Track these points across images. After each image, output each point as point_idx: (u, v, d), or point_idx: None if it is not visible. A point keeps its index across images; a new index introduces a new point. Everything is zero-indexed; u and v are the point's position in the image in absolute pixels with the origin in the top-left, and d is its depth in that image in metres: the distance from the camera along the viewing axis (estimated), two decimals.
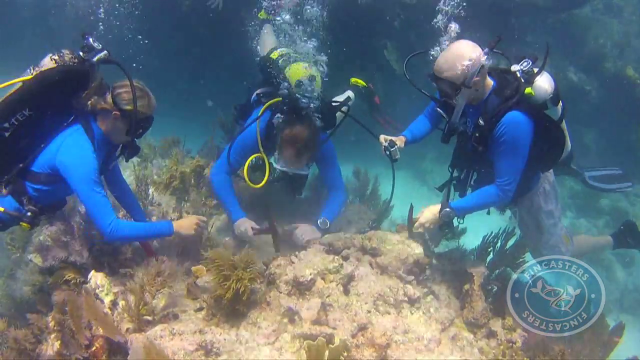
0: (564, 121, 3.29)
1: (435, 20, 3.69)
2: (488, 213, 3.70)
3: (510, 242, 3.61)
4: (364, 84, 5.10)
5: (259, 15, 5.45)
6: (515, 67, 3.09)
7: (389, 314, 2.95)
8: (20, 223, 2.90)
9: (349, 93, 5.04)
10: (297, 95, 3.76)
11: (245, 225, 3.77)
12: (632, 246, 4.30)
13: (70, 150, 2.79)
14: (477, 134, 3.18)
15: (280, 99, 3.84)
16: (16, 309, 3.55)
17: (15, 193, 2.87)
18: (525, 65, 3.06)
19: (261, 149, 3.86)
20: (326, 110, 3.91)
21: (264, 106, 3.91)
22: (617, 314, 6.17)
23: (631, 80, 8.28)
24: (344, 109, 4.07)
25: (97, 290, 2.87)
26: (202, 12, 7.17)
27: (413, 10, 6.95)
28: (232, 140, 4.03)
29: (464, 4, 3.83)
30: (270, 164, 3.81)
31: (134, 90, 2.81)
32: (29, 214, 2.87)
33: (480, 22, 6.60)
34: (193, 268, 3.24)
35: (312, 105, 3.75)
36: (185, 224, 3.19)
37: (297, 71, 4.07)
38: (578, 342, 2.99)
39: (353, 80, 5.17)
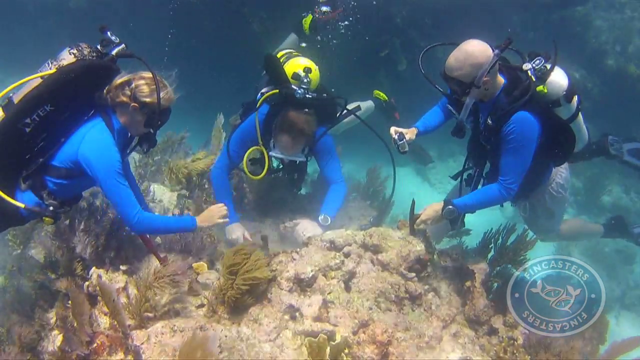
0: (580, 114, 3.29)
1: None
2: (502, 206, 3.73)
3: (511, 239, 3.61)
4: (386, 98, 5.18)
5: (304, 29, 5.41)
6: (527, 66, 3.06)
7: (390, 310, 2.95)
8: (43, 218, 2.89)
9: (370, 103, 5.17)
10: (293, 86, 3.79)
11: (238, 233, 3.85)
12: (618, 236, 4.52)
13: (92, 144, 2.78)
14: (485, 133, 3.19)
15: (277, 91, 3.87)
16: (19, 304, 3.55)
17: (35, 188, 2.85)
18: (537, 63, 3.03)
19: (260, 141, 3.87)
20: (325, 103, 3.94)
21: (261, 98, 3.93)
22: (618, 311, 6.18)
23: (633, 77, 8.25)
24: (343, 103, 4.08)
25: (97, 288, 2.86)
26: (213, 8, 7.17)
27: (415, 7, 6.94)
28: (231, 132, 4.06)
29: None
30: (269, 155, 3.83)
31: (157, 82, 2.80)
32: (50, 208, 2.87)
33: (481, 19, 6.62)
34: (194, 264, 3.25)
35: (307, 95, 3.78)
36: (207, 217, 3.19)
37: (295, 64, 4.10)
38: (578, 340, 2.98)
39: (376, 92, 5.28)
